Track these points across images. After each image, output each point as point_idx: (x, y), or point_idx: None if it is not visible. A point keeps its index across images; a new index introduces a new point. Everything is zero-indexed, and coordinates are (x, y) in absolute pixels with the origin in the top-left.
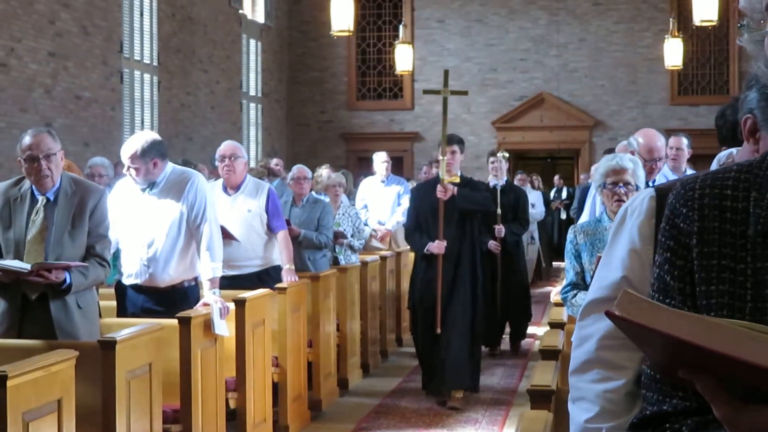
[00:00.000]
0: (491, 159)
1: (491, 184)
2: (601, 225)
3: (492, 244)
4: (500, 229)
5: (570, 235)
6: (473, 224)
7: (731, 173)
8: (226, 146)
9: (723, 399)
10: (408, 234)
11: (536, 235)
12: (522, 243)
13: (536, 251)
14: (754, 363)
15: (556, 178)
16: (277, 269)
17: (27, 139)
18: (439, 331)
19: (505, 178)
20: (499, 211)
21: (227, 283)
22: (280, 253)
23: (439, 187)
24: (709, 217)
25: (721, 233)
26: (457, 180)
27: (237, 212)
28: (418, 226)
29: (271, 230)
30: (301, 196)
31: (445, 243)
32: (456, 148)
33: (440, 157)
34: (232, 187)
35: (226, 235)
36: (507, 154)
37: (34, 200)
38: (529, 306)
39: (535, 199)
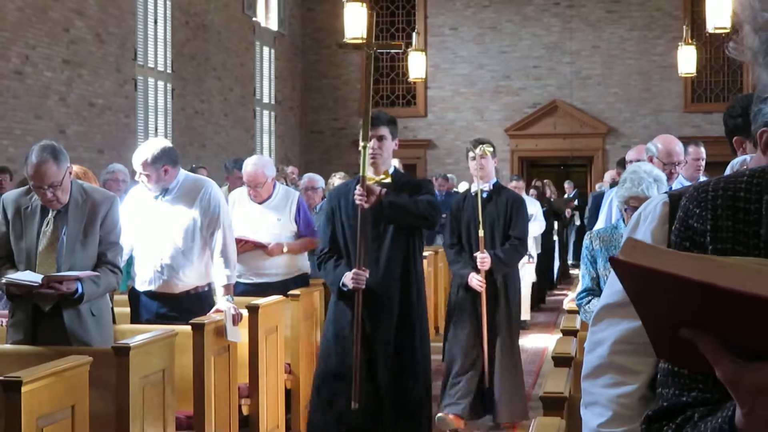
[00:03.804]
0: (470, 154)
1: (473, 189)
2: (617, 232)
3: (474, 280)
4: (484, 259)
5: (586, 241)
6: (413, 244)
7: (744, 177)
8: (249, 175)
9: (725, 358)
10: (320, 261)
11: (534, 252)
12: (516, 275)
13: (533, 273)
14: (766, 297)
15: (567, 184)
16: (306, 277)
17: (31, 167)
18: (355, 406)
19: (494, 180)
20: (481, 232)
21: (254, 290)
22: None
23: (358, 189)
24: (723, 217)
25: (735, 232)
26: (388, 179)
27: (266, 221)
28: (335, 248)
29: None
30: (312, 205)
31: (366, 274)
32: (385, 131)
33: (362, 145)
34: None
35: (257, 245)
36: (492, 148)
37: (44, 210)
38: (519, 371)
39: (534, 209)
